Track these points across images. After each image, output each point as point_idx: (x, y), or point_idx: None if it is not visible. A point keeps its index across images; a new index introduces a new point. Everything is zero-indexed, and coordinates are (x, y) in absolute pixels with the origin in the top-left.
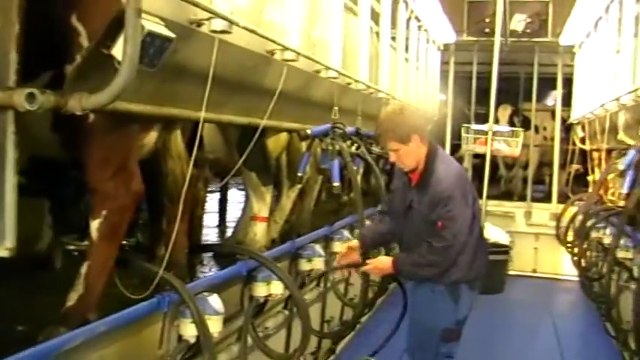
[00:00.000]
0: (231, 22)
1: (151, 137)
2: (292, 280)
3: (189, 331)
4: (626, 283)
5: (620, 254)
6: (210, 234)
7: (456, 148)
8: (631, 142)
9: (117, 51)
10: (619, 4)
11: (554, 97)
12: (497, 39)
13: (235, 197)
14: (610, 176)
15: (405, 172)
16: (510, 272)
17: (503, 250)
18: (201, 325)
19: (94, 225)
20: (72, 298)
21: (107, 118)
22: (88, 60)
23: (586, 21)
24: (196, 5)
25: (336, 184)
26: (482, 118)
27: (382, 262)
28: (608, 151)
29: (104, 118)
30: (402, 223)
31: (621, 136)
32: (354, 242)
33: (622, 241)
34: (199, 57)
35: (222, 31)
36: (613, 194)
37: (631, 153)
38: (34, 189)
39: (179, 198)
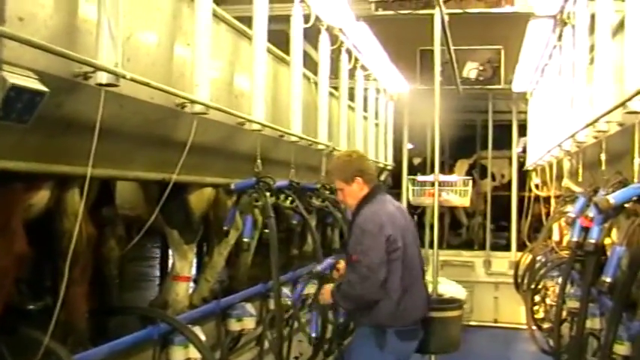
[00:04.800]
0: (117, 75)
1: (41, 196)
2: (205, 345)
3: None
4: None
5: (571, 304)
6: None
7: None
8: (575, 188)
9: None
10: (560, 51)
11: (517, 144)
12: (437, 87)
13: None
14: (564, 223)
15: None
16: (471, 323)
17: (457, 305)
18: None
19: None
20: None
21: None
22: None
23: (534, 68)
24: (70, 58)
25: (246, 239)
26: (440, 167)
27: (326, 290)
28: (558, 198)
29: None
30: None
31: (565, 182)
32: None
33: (572, 291)
34: (88, 110)
35: (109, 84)
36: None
37: (580, 200)
38: None
39: (75, 259)
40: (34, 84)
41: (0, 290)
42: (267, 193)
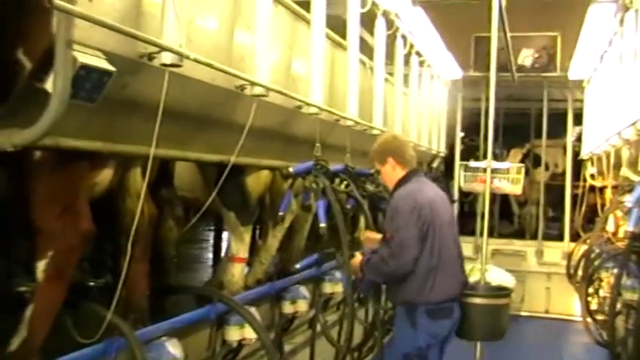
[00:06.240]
0: (181, 55)
1: (105, 175)
2: (262, 325)
3: None
4: None
5: (627, 295)
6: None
7: None
8: (634, 177)
9: (49, 85)
10: (621, 37)
11: (572, 133)
12: (493, 73)
13: None
14: (619, 214)
15: None
16: (522, 313)
17: (505, 293)
18: None
19: (40, 266)
20: (14, 343)
21: (54, 155)
22: (23, 94)
23: (592, 54)
24: (138, 38)
25: (322, 225)
26: (493, 156)
27: (354, 262)
28: (615, 188)
29: (50, 155)
30: None
31: (624, 171)
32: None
33: (629, 282)
34: (152, 91)
35: (173, 65)
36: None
37: (638, 189)
38: None
39: (137, 238)
40: (103, 64)
41: (67, 267)
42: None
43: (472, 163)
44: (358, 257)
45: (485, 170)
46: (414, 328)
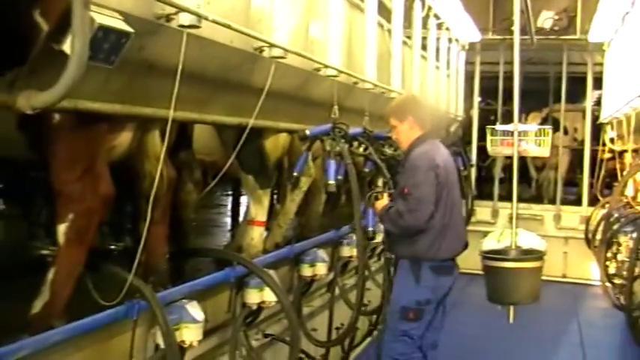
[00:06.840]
0: (199, 16)
1: (124, 138)
2: (281, 288)
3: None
4: None
5: None
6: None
7: (482, 149)
8: None
9: (67, 46)
10: None
11: (591, 97)
12: (517, 35)
13: None
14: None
15: None
16: None
17: (536, 256)
18: (168, 335)
19: (61, 229)
20: (37, 305)
21: (72, 118)
22: (41, 56)
23: (614, 16)
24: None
25: (331, 182)
26: (511, 119)
27: (379, 204)
28: (635, 152)
29: (69, 118)
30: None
31: None
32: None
33: None
34: (170, 53)
35: (191, 26)
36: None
37: None
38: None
39: (156, 201)
40: (121, 25)
41: (88, 230)
42: (342, 140)
43: (499, 127)
44: (385, 200)
45: (512, 133)
46: (417, 283)
